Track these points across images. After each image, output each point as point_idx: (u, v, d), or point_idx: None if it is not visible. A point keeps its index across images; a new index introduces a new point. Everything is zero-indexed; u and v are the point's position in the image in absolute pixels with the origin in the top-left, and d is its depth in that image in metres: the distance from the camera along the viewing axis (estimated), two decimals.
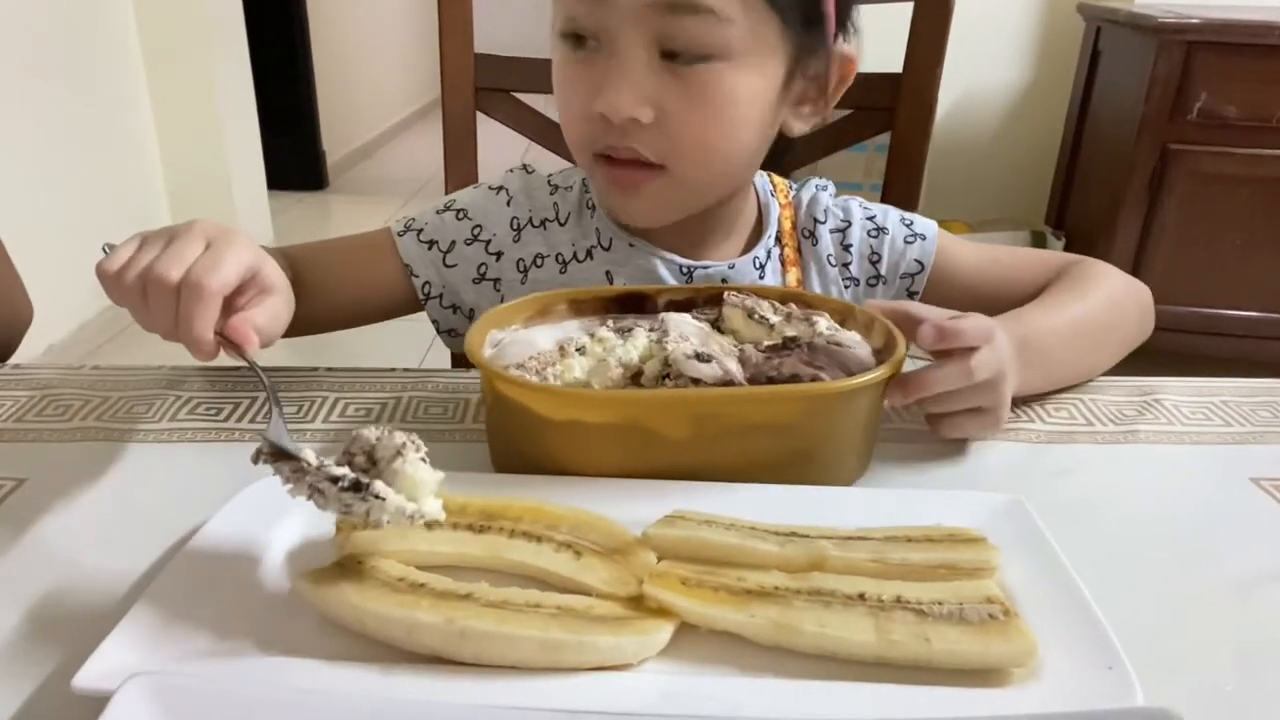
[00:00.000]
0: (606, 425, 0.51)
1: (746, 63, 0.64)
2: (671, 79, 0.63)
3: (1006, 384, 0.57)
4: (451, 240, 0.76)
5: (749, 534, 0.45)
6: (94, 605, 0.43)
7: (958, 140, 2.77)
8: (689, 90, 0.63)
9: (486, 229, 0.77)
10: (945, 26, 0.97)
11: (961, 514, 0.48)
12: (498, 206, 0.78)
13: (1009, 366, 0.57)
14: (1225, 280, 2.25)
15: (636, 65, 0.62)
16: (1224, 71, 2.10)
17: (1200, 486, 0.57)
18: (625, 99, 0.62)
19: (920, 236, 0.78)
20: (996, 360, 0.56)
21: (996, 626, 0.39)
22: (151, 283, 0.51)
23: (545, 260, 0.76)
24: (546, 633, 0.38)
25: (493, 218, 0.77)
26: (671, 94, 0.63)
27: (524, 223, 0.77)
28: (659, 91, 0.63)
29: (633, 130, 0.64)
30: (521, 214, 0.77)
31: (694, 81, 0.63)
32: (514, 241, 0.77)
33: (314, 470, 0.42)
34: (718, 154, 0.67)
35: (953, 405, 0.56)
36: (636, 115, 0.63)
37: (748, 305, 0.60)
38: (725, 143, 0.67)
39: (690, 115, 0.64)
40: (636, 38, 0.62)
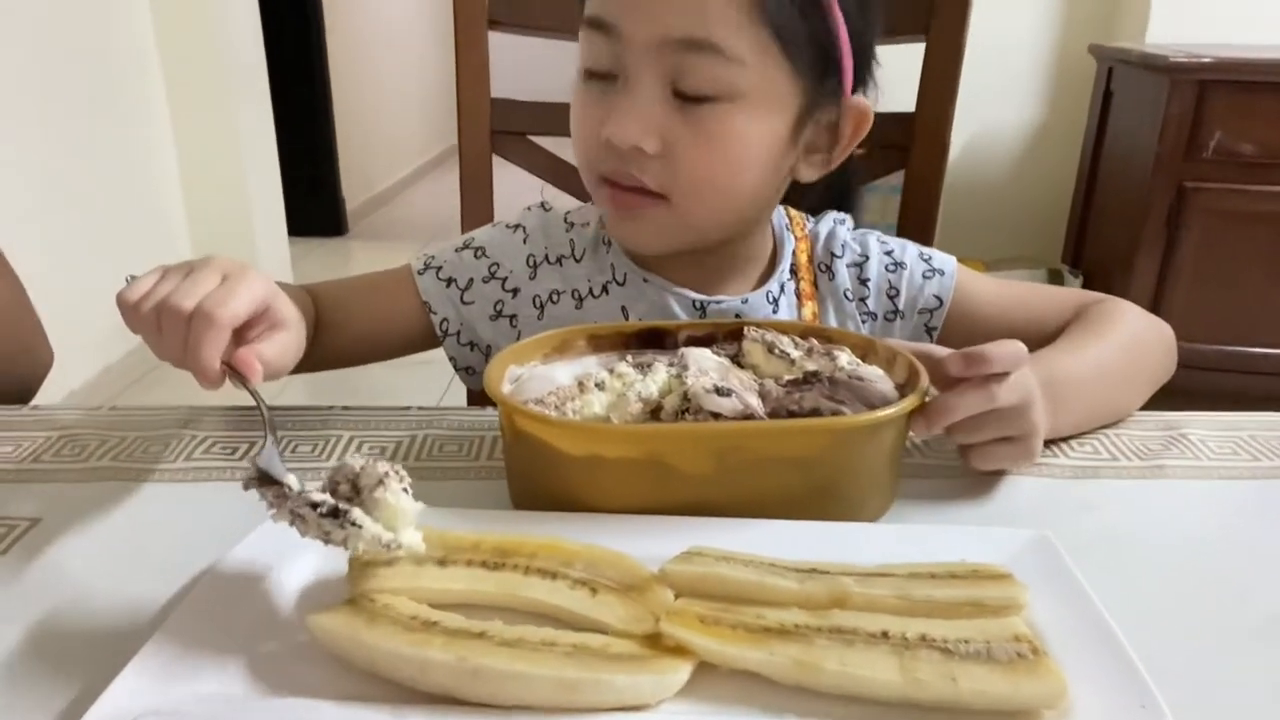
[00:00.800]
0: (626, 460, 0.51)
1: (755, 105, 0.65)
2: (679, 114, 0.64)
3: (1035, 412, 0.55)
4: (469, 278, 0.77)
5: (768, 570, 0.44)
6: (105, 645, 0.43)
7: (973, 179, 2.78)
8: (695, 126, 0.64)
9: (504, 266, 0.77)
10: (957, 65, 0.98)
11: (986, 550, 0.46)
12: (515, 244, 0.78)
13: (1038, 394, 0.56)
14: (1248, 317, 2.23)
15: (646, 97, 0.64)
16: (1238, 109, 2.10)
17: (1230, 522, 0.55)
18: (632, 127, 0.64)
19: (939, 272, 0.78)
20: (1023, 386, 0.54)
21: (1025, 665, 0.38)
22: (166, 312, 0.53)
23: (561, 296, 0.76)
24: (562, 672, 0.37)
25: (510, 255, 0.78)
26: (678, 128, 0.64)
27: (540, 259, 0.77)
28: (666, 125, 0.64)
29: (637, 159, 0.65)
30: (538, 251, 0.78)
31: (700, 118, 0.64)
32: (530, 278, 0.77)
33: (295, 496, 0.42)
34: (718, 190, 0.68)
35: (982, 434, 0.55)
36: (641, 144, 0.64)
37: (768, 340, 0.60)
38: (726, 180, 0.68)
39: (694, 151, 0.65)
40: (650, 73, 0.64)
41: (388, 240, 4.14)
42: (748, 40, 0.62)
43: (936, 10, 0.96)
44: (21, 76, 2.11)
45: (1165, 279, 2.23)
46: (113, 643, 0.43)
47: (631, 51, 0.64)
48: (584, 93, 0.69)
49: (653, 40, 0.63)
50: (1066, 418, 0.62)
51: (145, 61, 2.62)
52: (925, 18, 0.96)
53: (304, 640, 0.41)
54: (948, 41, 0.97)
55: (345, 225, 4.18)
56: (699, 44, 0.62)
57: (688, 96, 0.64)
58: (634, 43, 0.63)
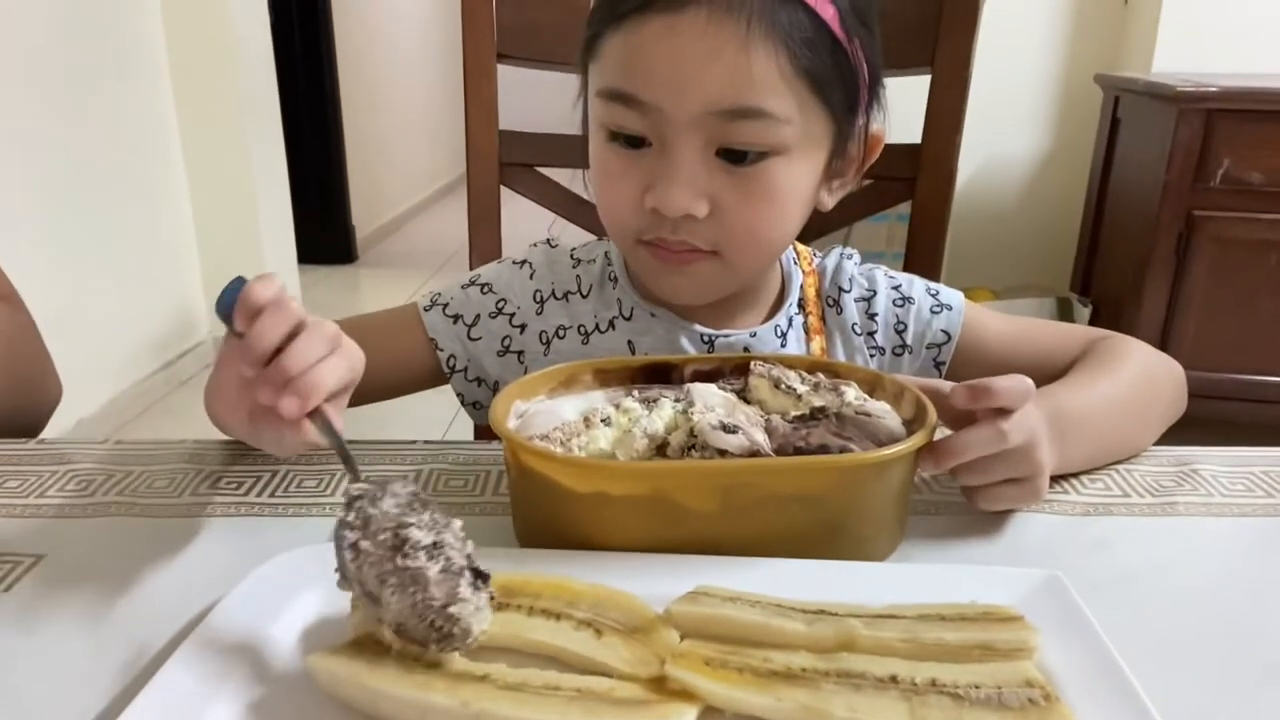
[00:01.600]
0: (632, 497, 0.50)
1: (798, 154, 0.65)
2: (724, 175, 0.64)
3: (1042, 451, 0.55)
4: (476, 314, 0.77)
5: (775, 612, 0.43)
6: (108, 683, 0.43)
7: (981, 209, 2.78)
8: (744, 186, 0.64)
9: (511, 302, 0.77)
10: (963, 96, 0.98)
11: (997, 590, 0.46)
12: (521, 280, 0.78)
13: (1043, 433, 0.55)
14: (1258, 345, 2.21)
15: (692, 164, 0.63)
16: (1246, 138, 2.10)
17: (1244, 560, 0.55)
18: (682, 197, 0.63)
19: (947, 307, 0.78)
20: (1029, 425, 0.54)
21: (1038, 712, 0.37)
22: (278, 368, 0.48)
23: (568, 332, 0.76)
24: (565, 717, 0.37)
25: (516, 291, 0.78)
26: (726, 189, 0.64)
27: (546, 295, 0.77)
28: (713, 187, 0.64)
29: (686, 223, 0.65)
30: (544, 286, 0.78)
31: (750, 178, 0.64)
32: (537, 314, 0.77)
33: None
34: (768, 241, 0.69)
35: (989, 476, 0.54)
36: (692, 211, 0.64)
37: (774, 375, 0.59)
38: (776, 231, 0.68)
39: (745, 209, 0.65)
40: (693, 140, 0.63)
41: (397, 268, 4.16)
42: (789, 97, 0.62)
43: (941, 42, 0.96)
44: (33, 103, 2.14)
45: (1174, 307, 2.22)
46: (116, 681, 0.43)
47: (671, 122, 0.62)
48: (613, 157, 0.67)
49: (697, 114, 0.62)
50: (1075, 452, 0.61)
51: (158, 89, 2.65)
52: (930, 50, 0.97)
53: (305, 680, 0.41)
54: (953, 73, 0.97)
55: (355, 253, 4.20)
56: (747, 111, 0.61)
57: (733, 156, 0.63)
58: (674, 116, 0.62)
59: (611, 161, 0.67)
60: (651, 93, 0.62)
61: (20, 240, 2.07)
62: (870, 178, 1.05)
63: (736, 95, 0.61)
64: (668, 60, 0.61)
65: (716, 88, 0.61)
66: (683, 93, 0.61)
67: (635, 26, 0.62)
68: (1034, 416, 0.55)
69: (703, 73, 0.60)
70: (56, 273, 2.20)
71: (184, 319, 2.80)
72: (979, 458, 0.53)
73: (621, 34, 0.63)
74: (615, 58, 0.64)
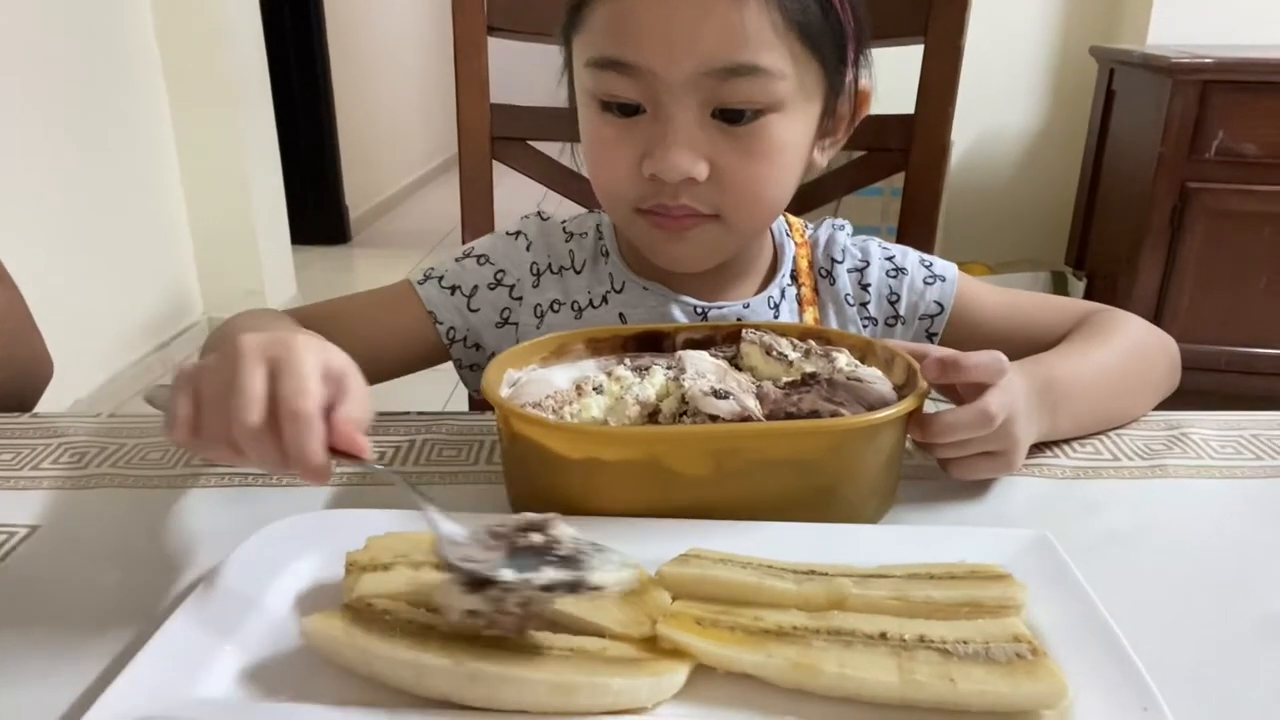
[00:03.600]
0: (624, 463, 0.51)
1: (793, 110, 0.64)
2: (723, 136, 0.63)
3: (1018, 426, 0.55)
4: (474, 285, 0.77)
5: (766, 572, 0.43)
6: (103, 650, 0.43)
7: (976, 183, 2.77)
8: (743, 145, 0.64)
9: (509, 274, 0.77)
10: (956, 66, 0.97)
11: (985, 551, 0.46)
12: (518, 252, 0.78)
13: (1021, 408, 0.55)
14: (1252, 317, 2.21)
15: (689, 126, 0.63)
16: (1241, 109, 2.09)
17: (1233, 521, 0.55)
18: (683, 160, 0.62)
19: (940, 278, 0.78)
20: (1009, 401, 0.54)
21: (1025, 666, 0.37)
22: (242, 440, 0.42)
23: (561, 307, 0.76)
24: (558, 675, 0.37)
25: (514, 262, 0.78)
26: (724, 150, 0.64)
27: (542, 268, 0.78)
28: (712, 148, 0.63)
29: (686, 187, 0.64)
30: (541, 259, 0.78)
31: (748, 136, 0.64)
32: (533, 287, 0.77)
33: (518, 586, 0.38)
34: (769, 200, 0.68)
35: (966, 449, 0.55)
36: (693, 174, 0.63)
37: (765, 342, 0.60)
38: (775, 189, 0.68)
39: (745, 168, 0.64)
40: (688, 102, 0.62)
41: (391, 248, 4.14)
42: (782, 51, 0.62)
43: (934, 10, 0.96)
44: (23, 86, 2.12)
45: (1169, 279, 2.22)
46: (110, 648, 0.43)
47: (665, 86, 0.62)
48: (606, 127, 0.66)
49: (691, 75, 0.61)
50: (1065, 421, 0.61)
51: (148, 71, 2.63)
52: (923, 18, 0.96)
53: (300, 645, 0.41)
54: (946, 42, 0.97)
55: (349, 233, 4.18)
56: (741, 68, 0.61)
57: (730, 115, 0.63)
58: (669, 79, 0.61)
59: (605, 131, 0.66)
60: (644, 56, 0.61)
61: (12, 222, 2.06)
62: (864, 148, 1.05)
63: (730, 52, 0.60)
64: (659, 21, 0.60)
65: (709, 46, 0.60)
66: (676, 54, 0.61)
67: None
68: (1014, 390, 0.55)
69: (695, 31, 0.60)
70: (49, 256, 2.19)
71: (177, 300, 2.79)
72: None
73: (609, 1, 0.63)
74: (603, 26, 0.63)
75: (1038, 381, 0.58)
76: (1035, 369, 0.60)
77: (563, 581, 0.38)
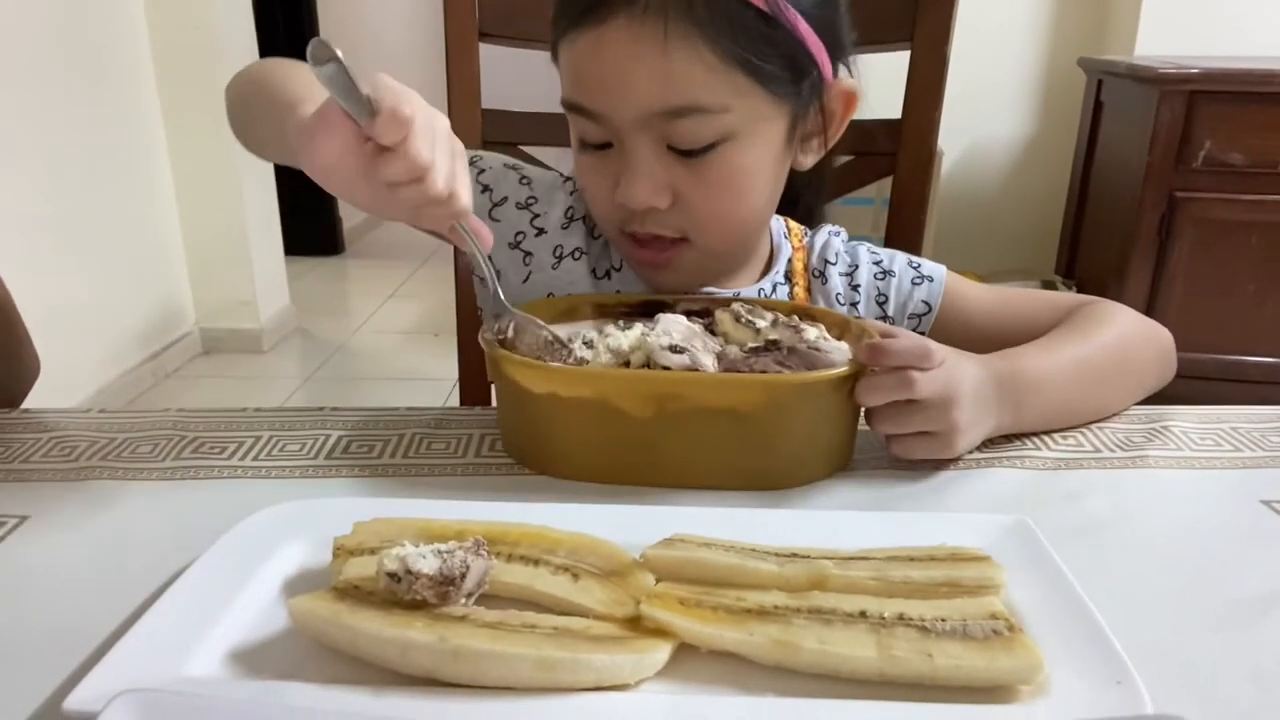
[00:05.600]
0: (578, 400, 0.56)
1: (748, 136, 0.66)
2: (682, 167, 0.66)
3: (958, 410, 0.57)
4: (505, 195, 0.78)
5: (749, 554, 0.44)
6: (91, 634, 0.43)
7: (966, 192, 2.79)
8: (700, 175, 0.66)
9: (541, 203, 0.78)
10: (943, 70, 0.99)
11: (966, 535, 0.47)
12: (561, 194, 0.79)
13: (966, 393, 0.57)
14: (1241, 326, 2.23)
15: (648, 160, 0.66)
16: (1227, 119, 2.11)
17: (1210, 510, 0.56)
18: (641, 192, 0.66)
19: (928, 278, 0.79)
20: (944, 383, 0.56)
21: (1001, 642, 0.38)
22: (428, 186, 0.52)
23: (582, 256, 0.78)
24: (541, 651, 0.37)
25: (552, 202, 0.78)
26: (683, 180, 0.67)
27: (577, 216, 0.79)
28: (672, 178, 0.67)
29: (652, 215, 0.68)
30: (578, 208, 0.79)
31: (705, 166, 0.66)
32: (561, 228, 0.78)
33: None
34: (735, 221, 0.71)
35: (900, 427, 0.57)
36: (654, 204, 0.66)
37: (735, 310, 0.63)
38: (740, 211, 0.70)
39: (705, 195, 0.67)
40: (644, 139, 0.66)
41: (385, 259, 4.14)
42: (723, 87, 0.63)
43: (920, 16, 0.97)
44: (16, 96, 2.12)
45: (1157, 288, 2.24)
46: (99, 633, 0.43)
47: (620, 126, 0.65)
48: (585, 161, 0.70)
49: (637, 117, 0.64)
50: (1030, 414, 0.62)
51: (141, 79, 2.63)
52: (909, 25, 0.97)
53: (287, 627, 0.42)
54: (932, 47, 0.98)
55: (342, 244, 4.19)
56: (682, 110, 0.63)
57: (683, 151, 0.66)
58: (619, 121, 0.65)
59: (585, 163, 0.71)
60: (594, 102, 0.66)
61: (5, 232, 2.06)
62: (851, 153, 1.06)
63: (665, 96, 0.63)
64: (598, 72, 0.64)
65: (647, 92, 0.63)
66: (617, 101, 0.64)
67: (572, 41, 0.65)
68: (957, 376, 0.57)
69: (631, 79, 0.63)
70: (42, 265, 2.19)
71: (170, 311, 2.79)
72: (893, 407, 0.56)
73: (566, 48, 0.66)
74: (566, 70, 0.68)
75: (1000, 374, 0.60)
76: (1000, 362, 0.61)
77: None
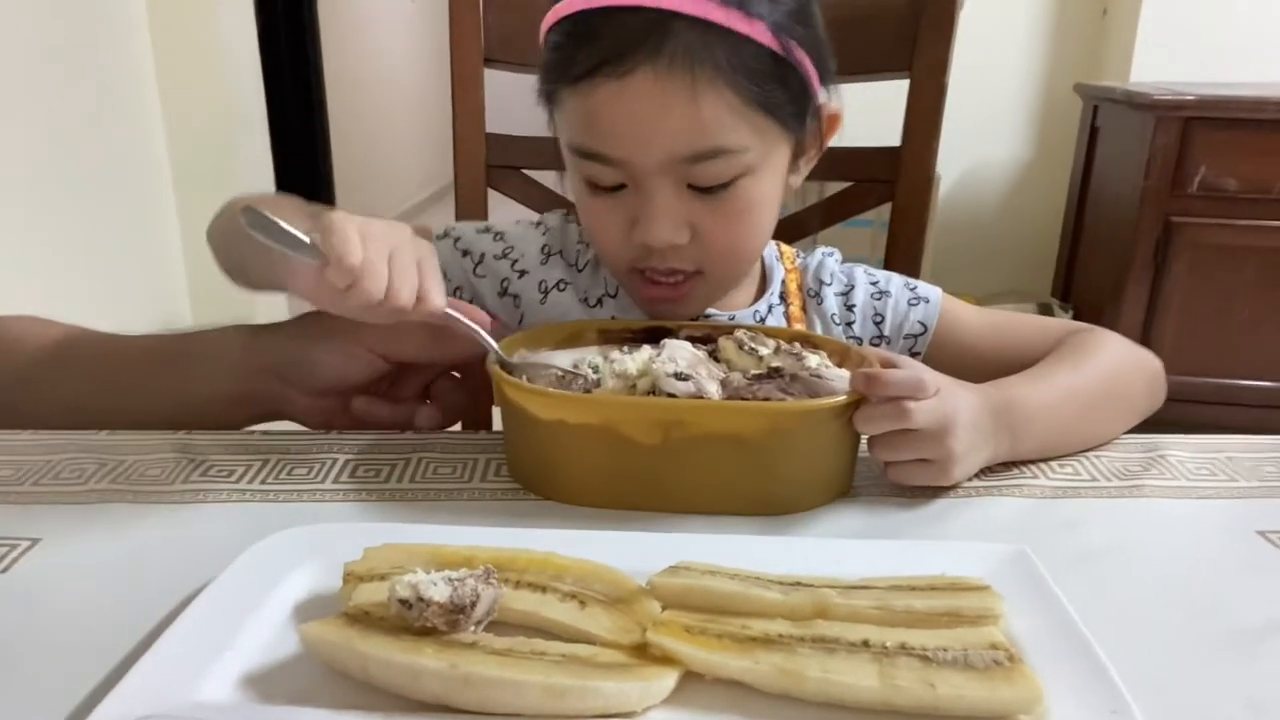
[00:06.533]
0: (585, 426, 0.57)
1: (763, 170, 0.68)
2: (700, 203, 0.68)
3: (956, 439, 0.57)
4: (482, 253, 0.81)
5: (753, 583, 0.45)
6: (103, 660, 0.43)
7: (963, 216, 2.81)
8: (719, 209, 0.68)
9: (517, 250, 0.81)
10: (940, 99, 1.00)
11: (965, 564, 0.47)
12: (534, 235, 0.82)
13: (963, 422, 0.58)
14: (1236, 350, 2.25)
15: (668, 200, 0.67)
16: (1222, 145, 2.14)
17: (1207, 540, 0.57)
18: (665, 231, 0.67)
19: (924, 300, 0.80)
20: (939, 413, 0.57)
21: (1002, 672, 0.39)
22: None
23: (567, 286, 0.80)
24: (550, 679, 0.38)
25: (527, 243, 0.82)
26: (703, 214, 0.68)
27: (554, 251, 0.82)
28: (691, 214, 0.68)
29: (671, 251, 0.69)
30: (554, 244, 0.82)
31: (723, 201, 0.68)
32: (541, 264, 0.81)
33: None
34: (749, 252, 0.74)
35: (898, 454, 0.58)
36: (676, 241, 0.68)
37: (739, 337, 0.64)
38: (754, 240, 0.73)
39: (724, 230, 0.69)
40: (664, 181, 0.67)
41: None
42: (745, 127, 0.65)
43: (919, 47, 0.99)
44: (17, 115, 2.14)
45: (1153, 312, 2.26)
46: (111, 657, 0.44)
47: (641, 170, 0.66)
48: (595, 203, 0.71)
49: (662, 162, 0.65)
50: (1026, 443, 0.63)
51: (145, 98, 2.65)
52: (908, 55, 0.99)
53: (298, 652, 0.42)
54: (931, 77, 1.00)
55: None
56: (707, 153, 0.65)
57: (703, 189, 0.67)
58: (642, 166, 0.66)
59: (594, 204, 0.71)
60: (616, 149, 0.66)
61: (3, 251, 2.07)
62: (851, 180, 1.08)
63: (694, 141, 0.64)
64: (624, 120, 0.65)
65: (674, 138, 0.64)
66: (641, 148, 0.65)
67: (588, 90, 0.65)
68: (952, 405, 0.58)
69: (658, 127, 0.64)
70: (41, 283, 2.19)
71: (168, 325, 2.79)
72: (890, 435, 0.57)
73: (577, 95, 0.66)
74: (575, 117, 0.68)
75: (995, 403, 0.61)
76: (995, 392, 0.62)
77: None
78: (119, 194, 2.54)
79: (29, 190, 2.18)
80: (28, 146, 2.17)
